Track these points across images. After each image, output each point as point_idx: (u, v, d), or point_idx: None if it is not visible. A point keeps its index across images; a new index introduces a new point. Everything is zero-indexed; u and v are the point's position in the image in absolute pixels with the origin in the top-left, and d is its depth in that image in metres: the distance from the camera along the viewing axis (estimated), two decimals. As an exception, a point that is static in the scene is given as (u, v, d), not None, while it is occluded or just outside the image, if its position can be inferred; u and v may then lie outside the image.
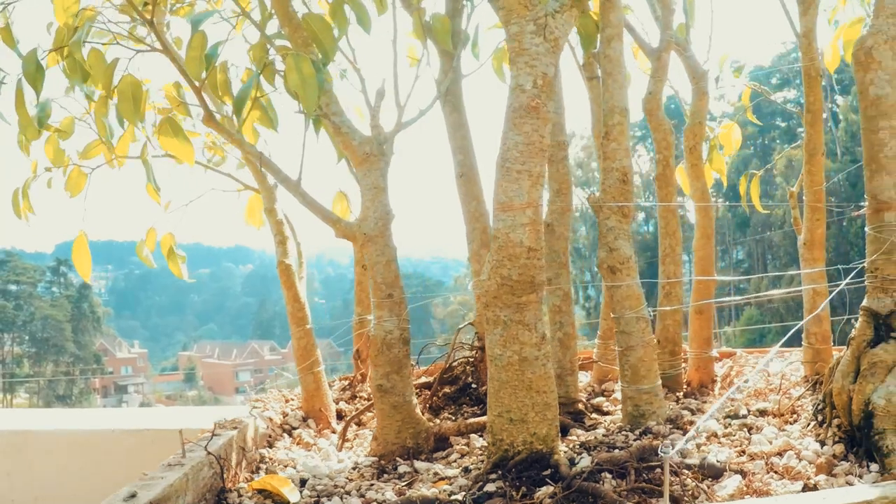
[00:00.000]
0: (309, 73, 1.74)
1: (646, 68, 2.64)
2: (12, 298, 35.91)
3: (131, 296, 74.02)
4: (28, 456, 2.86)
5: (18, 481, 2.80)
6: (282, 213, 2.81)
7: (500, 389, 1.72)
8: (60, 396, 34.45)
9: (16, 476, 2.81)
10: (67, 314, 36.92)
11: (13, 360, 36.04)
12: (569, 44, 2.61)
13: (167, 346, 67.72)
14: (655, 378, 2.03)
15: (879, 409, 1.72)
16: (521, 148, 1.65)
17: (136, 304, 75.50)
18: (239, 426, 1.99)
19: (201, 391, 47.75)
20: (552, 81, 1.68)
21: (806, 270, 2.56)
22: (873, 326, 1.85)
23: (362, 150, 2.05)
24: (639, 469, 1.64)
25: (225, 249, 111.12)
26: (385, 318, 2.04)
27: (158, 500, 1.38)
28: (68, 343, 36.39)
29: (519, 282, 1.67)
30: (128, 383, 47.90)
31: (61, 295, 38.36)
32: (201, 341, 65.36)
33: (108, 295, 67.13)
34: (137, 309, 75.60)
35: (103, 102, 2.25)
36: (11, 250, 37.91)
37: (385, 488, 1.78)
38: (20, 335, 36.67)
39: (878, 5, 1.88)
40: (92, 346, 39.94)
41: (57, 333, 36.01)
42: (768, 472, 1.69)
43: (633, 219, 2.07)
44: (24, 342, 37.00)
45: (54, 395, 34.66)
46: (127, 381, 48.57)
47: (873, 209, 1.88)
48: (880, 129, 1.86)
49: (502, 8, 1.69)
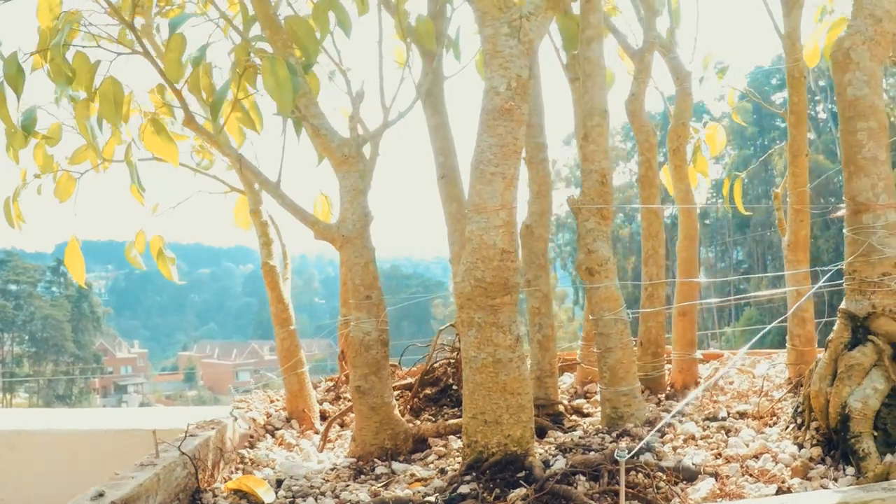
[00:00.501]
0: (284, 75, 1.74)
1: (633, 70, 2.63)
2: (12, 298, 35.97)
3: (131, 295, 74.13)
4: (16, 455, 2.86)
5: (5, 480, 2.80)
6: (266, 214, 2.81)
7: (474, 391, 1.72)
8: (60, 396, 34.49)
9: (3, 475, 2.81)
10: (67, 314, 36.97)
11: (13, 359, 36.10)
12: (553, 45, 2.62)
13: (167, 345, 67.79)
14: (634, 380, 2.02)
15: (856, 413, 1.71)
16: (494, 150, 1.65)
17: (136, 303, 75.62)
18: (217, 427, 1.99)
19: (201, 391, 47.80)
20: (527, 83, 1.68)
21: (790, 272, 2.56)
22: (851, 329, 1.84)
23: (341, 151, 2.05)
24: (612, 471, 1.64)
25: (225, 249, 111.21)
26: (363, 319, 2.04)
27: (126, 500, 1.38)
28: (68, 343, 36.44)
29: (493, 284, 1.66)
30: (128, 383, 47.95)
31: (61, 295, 38.42)
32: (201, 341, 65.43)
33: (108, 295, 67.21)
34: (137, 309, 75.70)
35: (85, 105, 2.25)
36: (11, 250, 37.98)
37: (360, 489, 1.78)
38: (20, 335, 36.73)
39: (857, 6, 1.88)
40: (92, 346, 39.99)
41: (57, 333, 36.06)
42: (743, 475, 1.69)
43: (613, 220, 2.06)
44: (23, 342, 37.06)
45: (54, 394, 34.70)
46: (127, 380, 48.62)
47: (851, 211, 1.88)
48: (858, 130, 1.86)
49: (477, 10, 1.69)
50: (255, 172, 2.11)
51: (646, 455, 1.76)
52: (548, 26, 1.73)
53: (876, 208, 1.84)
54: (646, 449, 1.80)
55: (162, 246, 3.01)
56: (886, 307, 1.81)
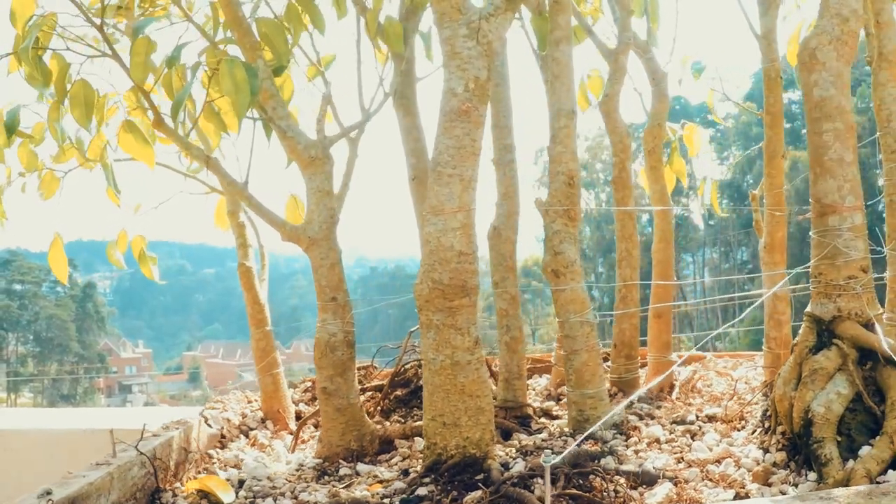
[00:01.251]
0: (241, 78, 1.74)
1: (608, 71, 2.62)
2: (17, 298, 36.20)
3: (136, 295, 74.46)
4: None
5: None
6: (244, 216, 2.82)
7: (433, 393, 1.71)
8: (64, 396, 34.69)
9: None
10: (72, 314, 37.18)
11: (17, 359, 36.33)
12: (531, 45, 2.60)
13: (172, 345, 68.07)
14: (600, 383, 2.01)
15: (818, 417, 1.69)
16: (452, 152, 1.64)
17: (140, 303, 75.93)
18: (182, 427, 1.99)
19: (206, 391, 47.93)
20: (485, 85, 1.67)
21: (766, 273, 2.54)
22: (816, 333, 1.82)
23: (308, 153, 2.05)
24: (570, 475, 1.63)
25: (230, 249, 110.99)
26: (329, 321, 2.03)
27: (74, 498, 1.38)
28: (72, 342, 36.64)
29: (450, 286, 1.66)
30: (132, 383, 48.17)
31: (66, 294, 38.65)
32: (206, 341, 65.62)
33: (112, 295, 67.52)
34: (142, 309, 76.03)
35: (55, 108, 2.26)
36: (16, 250, 38.23)
37: (320, 490, 1.78)
38: (24, 334, 36.96)
39: (823, 5, 1.86)
40: (96, 346, 40.18)
41: (61, 333, 36.27)
42: (703, 480, 1.67)
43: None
44: (28, 341, 37.29)
45: (58, 394, 34.91)
46: (131, 380, 48.84)
47: (818, 213, 1.86)
48: (824, 131, 1.84)
49: (436, 11, 1.68)
50: (222, 174, 2.11)
51: (607, 458, 1.75)
52: (508, 26, 1.72)
53: (842, 210, 1.82)
54: (608, 452, 1.79)
55: (144, 246, 3.02)
56: (852, 311, 1.79)
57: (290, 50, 2.25)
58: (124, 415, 4.34)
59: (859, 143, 1.90)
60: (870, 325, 1.77)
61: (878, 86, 2.19)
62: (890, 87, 2.15)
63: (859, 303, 1.78)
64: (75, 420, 3.07)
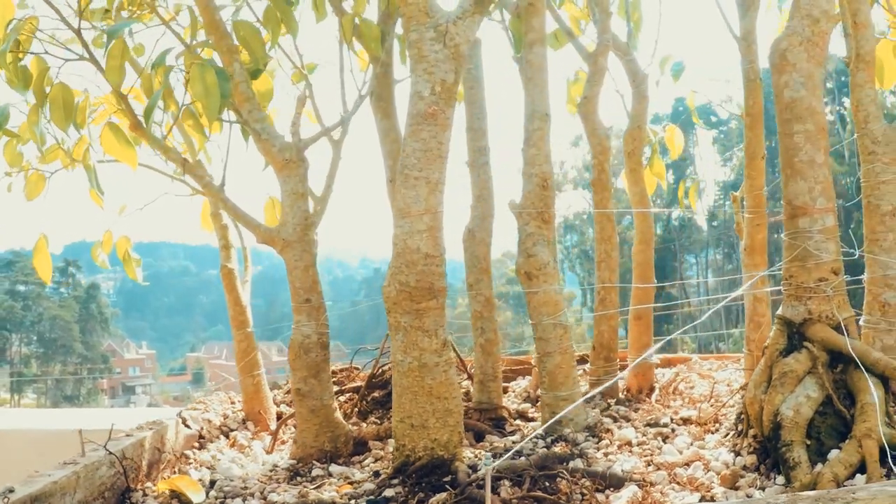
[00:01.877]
0: (212, 82, 1.75)
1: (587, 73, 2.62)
2: (21, 299, 36.38)
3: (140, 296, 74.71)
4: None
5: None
6: (227, 218, 2.82)
7: (402, 395, 1.72)
8: (68, 397, 34.82)
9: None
10: (75, 315, 37.32)
11: (21, 360, 36.50)
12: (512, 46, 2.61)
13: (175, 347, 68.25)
14: (573, 385, 2.01)
15: (787, 421, 1.69)
16: (418, 155, 1.65)
17: (144, 304, 76.16)
18: (156, 428, 2.00)
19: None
20: (452, 88, 1.68)
21: (747, 275, 2.53)
22: (787, 335, 1.82)
23: (282, 156, 2.05)
24: (536, 477, 1.63)
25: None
26: (303, 322, 2.04)
27: (37, 496, 1.39)
28: (76, 343, 36.78)
29: (417, 288, 1.66)
30: (136, 384, 48.31)
31: (69, 295, 38.80)
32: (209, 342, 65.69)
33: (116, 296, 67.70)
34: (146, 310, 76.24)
35: (35, 111, 2.28)
36: (20, 251, 38.43)
37: (290, 491, 1.78)
38: (28, 335, 37.13)
39: (794, 6, 1.86)
40: (100, 347, 40.30)
41: (65, 334, 36.42)
42: (671, 483, 1.67)
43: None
44: (32, 342, 37.46)
45: (62, 395, 35.06)
46: (135, 381, 48.98)
47: (789, 215, 1.85)
48: (795, 132, 1.83)
49: (403, 15, 1.69)
50: (199, 175, 2.12)
51: (576, 461, 1.75)
52: (476, 29, 1.72)
53: (813, 212, 1.81)
54: (577, 454, 1.79)
55: (129, 247, 3.03)
56: (823, 313, 1.78)
57: (266, 53, 2.26)
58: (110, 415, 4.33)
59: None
60: (840, 328, 1.76)
61: (855, 87, 2.18)
62: (867, 88, 2.14)
63: (830, 305, 1.78)
64: (62, 421, 3.08)
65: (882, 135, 2.05)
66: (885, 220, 2.02)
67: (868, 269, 2.12)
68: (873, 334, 2.00)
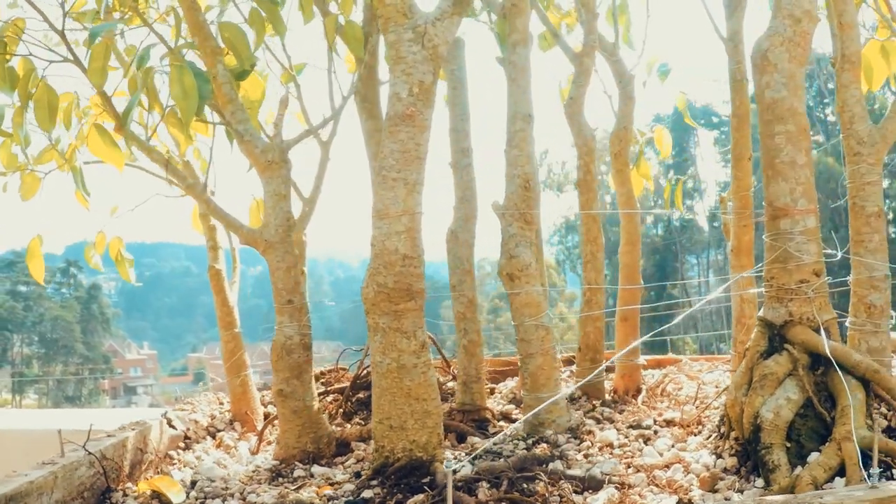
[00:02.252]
0: (190, 84, 1.75)
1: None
2: (22, 299, 36.47)
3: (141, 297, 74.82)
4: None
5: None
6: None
7: (381, 396, 1.71)
8: (69, 397, 34.89)
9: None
10: (77, 315, 37.39)
11: (22, 360, 36.59)
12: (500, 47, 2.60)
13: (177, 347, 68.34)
14: (556, 386, 2.00)
15: (767, 423, 1.68)
16: (396, 156, 1.65)
17: (145, 305, 76.28)
18: (139, 428, 2.00)
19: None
20: (430, 89, 1.67)
21: (734, 277, 2.52)
22: (768, 337, 1.81)
23: (265, 157, 2.05)
24: (514, 479, 1.62)
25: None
26: (286, 323, 2.04)
27: (12, 496, 1.39)
28: (77, 344, 36.85)
29: (395, 289, 1.66)
30: (137, 384, 48.38)
31: (71, 296, 38.89)
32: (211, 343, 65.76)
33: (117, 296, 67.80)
34: (147, 310, 76.33)
35: (19, 112, 2.28)
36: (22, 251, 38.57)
37: (269, 491, 1.78)
38: (29, 336, 37.21)
39: (776, 6, 1.85)
40: (101, 347, 40.36)
41: (66, 334, 36.49)
42: (650, 486, 1.66)
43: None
44: (33, 343, 37.55)
45: (63, 396, 35.12)
46: (136, 382, 49.05)
47: (770, 216, 1.85)
48: (776, 133, 1.83)
49: (381, 16, 1.69)
50: (181, 177, 2.12)
51: (555, 463, 1.74)
52: (455, 30, 1.72)
53: (794, 213, 1.81)
54: (557, 456, 1.79)
55: (121, 248, 3.03)
56: (804, 315, 1.77)
57: (252, 54, 2.26)
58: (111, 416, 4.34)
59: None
60: (820, 330, 1.75)
61: (841, 87, 2.17)
62: (853, 88, 2.13)
63: (811, 307, 1.77)
64: (50, 421, 3.09)
65: (867, 136, 2.04)
66: (871, 221, 2.02)
67: (854, 270, 2.11)
68: (859, 336, 1.99)
